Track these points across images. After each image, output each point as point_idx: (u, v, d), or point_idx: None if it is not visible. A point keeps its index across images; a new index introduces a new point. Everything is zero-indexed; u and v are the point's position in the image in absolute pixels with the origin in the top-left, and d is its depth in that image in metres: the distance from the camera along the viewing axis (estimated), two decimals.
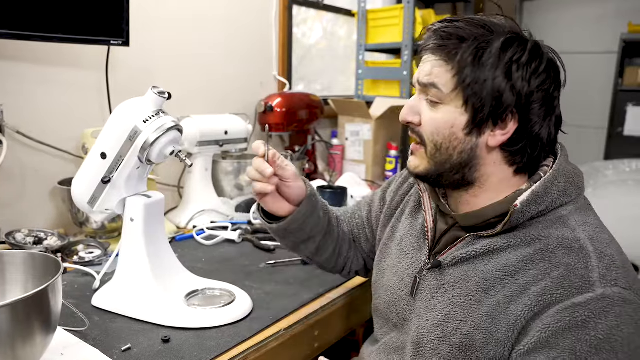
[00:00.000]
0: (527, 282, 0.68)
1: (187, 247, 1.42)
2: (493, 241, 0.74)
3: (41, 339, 0.73)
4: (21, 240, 1.27)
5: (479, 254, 0.75)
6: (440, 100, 0.74)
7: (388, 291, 0.91)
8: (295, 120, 2.10)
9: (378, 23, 2.50)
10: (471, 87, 0.71)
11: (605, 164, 3.10)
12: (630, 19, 3.48)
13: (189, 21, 1.84)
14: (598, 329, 0.62)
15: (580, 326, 0.62)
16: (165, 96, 0.96)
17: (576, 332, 0.62)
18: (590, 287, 0.64)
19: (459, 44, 0.71)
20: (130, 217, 1.00)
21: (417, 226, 0.90)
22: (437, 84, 0.73)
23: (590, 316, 0.62)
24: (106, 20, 1.40)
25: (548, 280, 0.67)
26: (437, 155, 0.76)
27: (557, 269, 0.67)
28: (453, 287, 0.77)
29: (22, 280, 0.84)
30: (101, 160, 0.98)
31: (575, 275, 0.65)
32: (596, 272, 0.65)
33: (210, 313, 0.98)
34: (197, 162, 1.67)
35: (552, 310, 0.65)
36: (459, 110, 0.73)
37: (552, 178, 0.73)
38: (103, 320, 0.98)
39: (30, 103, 1.42)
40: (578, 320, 0.63)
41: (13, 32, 1.22)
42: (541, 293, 0.66)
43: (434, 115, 0.75)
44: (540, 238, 0.70)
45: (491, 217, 0.75)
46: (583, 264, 0.66)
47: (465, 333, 0.73)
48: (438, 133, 0.75)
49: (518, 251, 0.71)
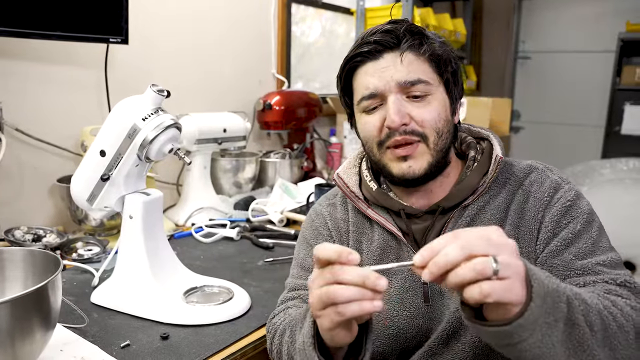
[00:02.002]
0: (520, 204, 0.81)
1: (185, 245, 1.42)
2: (477, 202, 0.81)
3: (41, 336, 0.74)
4: (20, 238, 1.28)
5: (472, 218, 0.81)
6: (428, 92, 0.79)
7: (394, 320, 0.81)
8: (293, 118, 2.10)
9: (376, 21, 2.50)
10: (449, 73, 0.81)
11: (603, 163, 3.10)
12: (628, 18, 3.49)
13: (188, 19, 1.84)
14: (581, 206, 0.79)
15: (570, 208, 0.79)
16: (164, 94, 0.97)
17: (570, 213, 0.78)
18: (559, 185, 0.81)
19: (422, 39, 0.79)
20: (129, 215, 1.01)
21: (383, 244, 0.84)
22: (423, 78, 0.78)
23: (572, 200, 0.79)
24: (105, 18, 1.40)
25: (531, 195, 0.81)
26: (439, 143, 0.80)
27: (531, 186, 0.82)
28: None
29: (21, 277, 0.85)
30: (100, 157, 0.99)
31: (545, 184, 0.82)
32: (555, 176, 0.83)
33: (208, 310, 0.99)
34: (196, 160, 1.67)
35: (548, 210, 0.79)
36: (444, 96, 0.81)
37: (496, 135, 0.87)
38: (102, 317, 0.98)
39: (29, 101, 1.42)
40: (567, 205, 0.79)
41: (12, 30, 1.23)
42: (534, 204, 0.80)
43: (429, 107, 0.79)
44: (508, 178, 0.84)
45: (476, 183, 0.82)
46: (545, 176, 0.83)
47: None
48: (439, 119, 0.79)
49: (500, 194, 0.82)
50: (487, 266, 0.51)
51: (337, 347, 0.67)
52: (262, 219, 1.65)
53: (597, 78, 3.86)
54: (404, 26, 0.79)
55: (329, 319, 0.60)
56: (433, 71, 0.80)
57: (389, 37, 0.78)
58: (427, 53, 0.79)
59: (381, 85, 0.78)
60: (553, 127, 4.14)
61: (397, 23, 0.80)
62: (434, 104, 0.79)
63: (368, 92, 0.79)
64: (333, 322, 0.60)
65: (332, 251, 0.59)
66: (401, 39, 0.78)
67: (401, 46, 0.78)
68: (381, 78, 0.78)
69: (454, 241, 0.53)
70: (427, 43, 0.79)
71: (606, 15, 3.83)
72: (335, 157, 2.38)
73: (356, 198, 0.88)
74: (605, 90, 3.60)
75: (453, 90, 0.82)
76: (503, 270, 0.51)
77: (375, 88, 0.78)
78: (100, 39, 1.42)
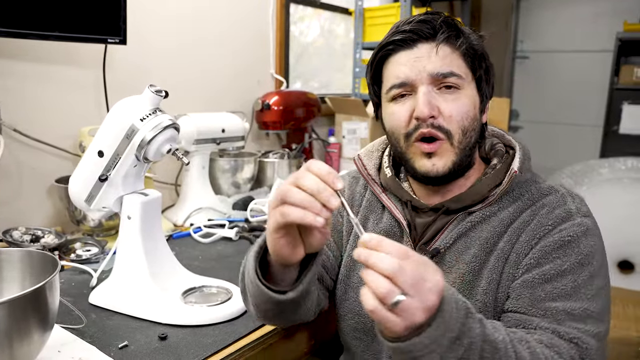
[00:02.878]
0: (522, 224, 0.77)
1: (184, 245, 1.42)
2: (485, 210, 0.80)
3: (38, 337, 0.74)
4: (18, 238, 1.27)
5: (473, 224, 0.79)
6: (459, 86, 0.77)
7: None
8: (292, 119, 2.10)
9: (375, 21, 2.51)
10: (483, 70, 0.80)
11: (601, 162, 3.10)
12: (626, 18, 3.49)
13: (187, 19, 1.84)
14: (581, 247, 0.73)
15: (567, 245, 0.73)
16: (162, 95, 0.97)
17: (564, 250, 0.73)
18: (571, 217, 0.76)
19: (459, 32, 0.78)
20: (127, 215, 1.01)
21: (390, 227, 0.87)
22: (455, 72, 0.77)
23: (574, 237, 0.74)
24: (103, 18, 1.40)
25: (538, 217, 0.77)
26: (463, 141, 0.78)
27: (542, 208, 0.78)
28: (457, 262, 0.79)
29: (19, 278, 0.84)
30: (98, 158, 0.99)
31: (558, 209, 0.77)
32: (573, 205, 0.77)
33: (207, 310, 0.99)
34: (194, 160, 1.67)
35: (544, 239, 0.75)
36: (475, 93, 0.80)
37: (523, 147, 0.83)
38: (100, 317, 0.98)
39: (27, 101, 1.42)
40: (565, 240, 0.74)
41: (10, 31, 1.22)
42: (534, 228, 0.76)
43: (459, 101, 0.77)
44: (523, 194, 0.80)
45: (485, 191, 0.80)
46: (562, 201, 0.78)
47: (482, 292, 0.76)
48: (467, 117, 0.78)
49: (509, 208, 0.79)
50: (390, 297, 0.53)
51: (282, 268, 0.71)
52: (260, 219, 1.65)
53: (595, 78, 3.86)
54: (441, 17, 0.78)
55: (274, 219, 0.63)
56: (467, 66, 0.78)
57: (425, 27, 0.77)
58: (463, 47, 0.77)
59: (413, 75, 0.77)
60: (551, 127, 4.14)
61: (434, 14, 0.78)
62: (464, 100, 0.77)
63: (399, 81, 0.78)
64: (277, 223, 0.63)
65: (325, 170, 0.61)
66: (437, 30, 0.76)
67: (437, 37, 0.76)
68: (413, 67, 0.76)
69: (398, 255, 0.54)
70: (463, 36, 0.78)
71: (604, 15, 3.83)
72: (333, 157, 2.38)
73: (372, 181, 0.90)
74: (604, 89, 3.61)
75: (484, 88, 0.81)
76: (400, 309, 0.53)
77: (407, 77, 0.77)
78: (98, 40, 1.42)
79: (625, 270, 2.67)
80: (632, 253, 2.65)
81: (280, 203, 0.62)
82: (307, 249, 0.69)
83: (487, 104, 0.84)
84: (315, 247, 0.69)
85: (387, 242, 0.55)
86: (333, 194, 0.60)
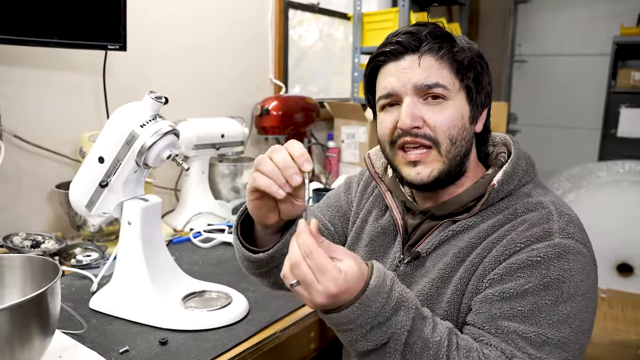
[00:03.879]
0: (496, 238, 0.75)
1: (184, 250, 1.43)
2: (468, 220, 0.79)
3: (39, 342, 0.74)
4: (19, 244, 1.28)
5: (455, 233, 0.79)
6: (446, 96, 0.77)
7: None
8: (291, 123, 2.11)
9: (373, 26, 2.52)
10: (472, 81, 0.79)
11: (599, 165, 3.11)
12: (622, 22, 3.51)
13: (186, 25, 1.85)
14: (550, 269, 0.69)
15: (535, 265, 0.69)
16: (162, 101, 0.97)
17: (529, 270, 0.70)
18: (550, 236, 0.71)
19: (453, 44, 0.78)
20: (127, 221, 1.01)
21: (387, 225, 0.90)
22: (441, 83, 0.77)
23: (545, 258, 0.69)
24: (103, 24, 1.41)
25: (513, 234, 0.74)
26: (452, 150, 0.78)
27: (521, 224, 0.75)
28: (434, 267, 0.80)
29: (20, 284, 0.85)
30: (99, 164, 0.99)
31: (537, 227, 0.73)
32: (556, 224, 0.73)
33: (207, 315, 0.99)
34: (194, 165, 1.68)
35: (513, 257, 0.72)
36: (463, 103, 0.79)
37: (516, 159, 0.80)
38: (101, 322, 0.99)
39: (27, 107, 1.43)
40: (533, 260, 0.70)
41: (10, 37, 1.23)
42: (506, 244, 0.73)
43: (445, 112, 0.77)
44: (509, 206, 0.78)
45: (467, 201, 0.80)
46: (545, 219, 0.74)
47: (447, 301, 0.76)
48: (454, 126, 0.78)
49: (490, 220, 0.78)
50: (287, 279, 0.63)
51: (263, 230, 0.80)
52: None
53: (593, 81, 3.87)
54: (428, 29, 0.78)
55: (249, 182, 0.72)
56: (453, 76, 0.78)
57: (410, 38, 0.78)
58: (446, 57, 0.77)
59: (398, 86, 0.78)
60: (550, 130, 4.15)
61: (422, 25, 0.79)
62: (450, 110, 0.77)
63: (386, 92, 0.80)
64: (250, 186, 0.72)
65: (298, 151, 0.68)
66: (422, 41, 0.77)
67: (421, 49, 0.77)
68: (399, 79, 0.78)
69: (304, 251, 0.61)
70: (447, 47, 0.77)
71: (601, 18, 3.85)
72: (332, 161, 2.39)
73: (379, 179, 0.92)
74: (601, 93, 3.62)
75: (475, 97, 0.80)
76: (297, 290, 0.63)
77: (393, 88, 0.79)
78: (98, 46, 1.42)
79: (624, 273, 2.68)
80: (631, 256, 2.66)
81: (255, 169, 0.70)
82: (282, 216, 0.76)
83: (483, 112, 0.83)
84: (287, 215, 0.75)
85: (303, 238, 0.62)
86: (297, 173, 0.67)
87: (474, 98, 0.80)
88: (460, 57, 0.78)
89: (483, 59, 0.81)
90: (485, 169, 0.85)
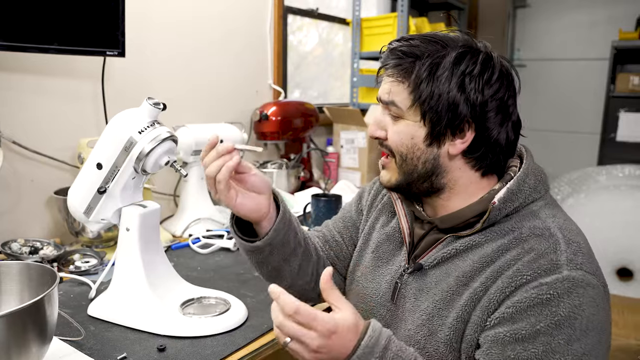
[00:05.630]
0: (501, 267, 0.72)
1: (182, 256, 1.42)
2: (472, 238, 0.77)
3: (37, 349, 0.74)
4: (17, 250, 1.28)
5: (459, 251, 0.78)
6: (400, 115, 0.78)
7: (365, 299, 0.90)
8: (290, 129, 2.11)
9: (372, 31, 2.53)
10: (427, 103, 0.75)
11: (598, 170, 3.12)
12: (621, 26, 3.52)
13: (185, 30, 1.85)
14: (560, 307, 0.66)
15: (545, 303, 0.67)
16: (160, 107, 0.97)
17: (540, 308, 0.67)
18: (558, 269, 0.68)
19: (414, 62, 0.76)
20: (126, 227, 1.01)
21: (393, 233, 0.91)
22: (396, 102, 0.78)
23: (554, 295, 0.67)
24: (102, 31, 1.41)
25: (519, 264, 0.71)
26: (404, 166, 0.80)
27: (528, 253, 0.71)
28: (435, 285, 0.79)
29: (17, 291, 0.85)
30: (97, 170, 0.99)
31: (544, 259, 0.70)
32: (564, 256, 0.70)
33: (205, 321, 0.99)
34: (193, 171, 1.67)
35: (521, 290, 0.69)
36: (418, 124, 0.77)
37: (523, 176, 0.77)
38: (99, 329, 0.98)
39: (26, 113, 1.43)
40: (543, 298, 0.67)
41: (10, 44, 1.23)
42: (512, 275, 0.70)
43: (396, 129, 0.79)
44: (514, 229, 0.75)
45: (469, 217, 0.78)
46: (552, 249, 0.71)
47: (449, 326, 0.75)
48: (402, 144, 0.79)
49: (494, 243, 0.75)
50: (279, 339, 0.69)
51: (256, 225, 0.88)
52: None
53: (592, 85, 3.89)
54: (394, 45, 0.79)
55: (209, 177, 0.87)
56: (409, 96, 0.76)
57: (385, 53, 0.81)
58: (402, 76, 0.77)
59: (378, 95, 0.82)
60: (549, 135, 4.16)
61: (398, 41, 0.79)
62: (401, 129, 0.78)
63: (378, 97, 0.83)
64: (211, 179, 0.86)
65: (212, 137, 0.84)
66: (388, 57, 0.79)
67: (388, 64, 0.79)
68: (382, 88, 0.81)
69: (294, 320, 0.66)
70: (405, 67, 0.76)
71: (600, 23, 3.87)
72: (332, 166, 2.39)
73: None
74: (600, 97, 3.63)
75: (435, 119, 0.75)
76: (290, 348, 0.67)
77: (378, 97, 0.82)
78: (97, 52, 1.43)
79: (624, 278, 2.68)
80: (631, 260, 2.66)
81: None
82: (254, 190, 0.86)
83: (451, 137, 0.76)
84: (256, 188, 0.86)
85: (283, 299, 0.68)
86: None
87: (437, 122, 0.75)
88: (418, 80, 0.75)
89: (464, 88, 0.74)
90: (497, 180, 0.82)
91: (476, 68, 0.74)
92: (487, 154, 0.78)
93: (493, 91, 0.75)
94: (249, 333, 0.99)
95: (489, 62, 0.76)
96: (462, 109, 0.74)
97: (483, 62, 0.75)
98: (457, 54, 0.74)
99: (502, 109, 0.76)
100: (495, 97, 0.75)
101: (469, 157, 0.78)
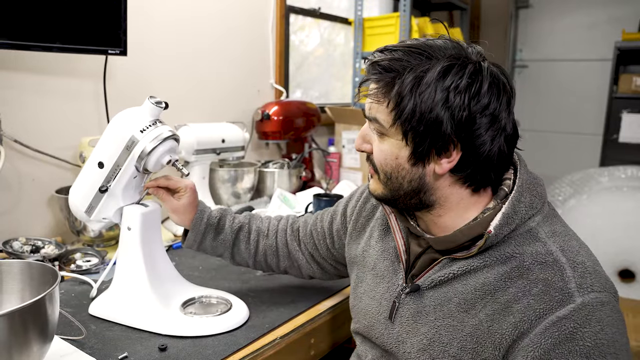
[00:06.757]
0: (509, 300, 0.69)
1: (184, 255, 1.42)
2: (469, 262, 0.74)
3: (38, 348, 0.74)
4: (18, 249, 1.27)
5: (456, 275, 0.75)
6: (384, 133, 0.75)
7: (367, 315, 0.90)
8: (292, 128, 2.11)
9: (374, 31, 2.52)
10: (408, 122, 0.70)
11: (601, 171, 3.11)
12: (624, 27, 3.51)
13: (187, 29, 1.85)
14: (585, 338, 0.64)
15: (570, 338, 0.64)
16: (162, 106, 0.97)
17: (567, 345, 0.64)
18: (570, 298, 0.66)
19: (394, 79, 0.71)
20: (127, 226, 1.01)
21: (389, 249, 0.89)
22: (378, 119, 0.74)
23: (576, 327, 0.64)
24: (104, 29, 1.41)
25: (529, 297, 0.68)
26: (388, 183, 0.77)
27: (535, 285, 0.68)
28: (434, 309, 0.77)
29: (19, 290, 0.85)
30: (98, 169, 0.99)
31: (554, 289, 0.67)
32: (572, 282, 0.67)
33: (206, 321, 0.98)
34: (194, 170, 1.67)
35: (539, 328, 0.66)
36: (401, 144, 0.73)
37: (517, 195, 0.73)
38: (100, 328, 0.98)
39: (27, 112, 1.43)
40: (566, 333, 0.64)
41: (12, 42, 1.23)
42: (524, 310, 0.67)
43: (381, 147, 0.76)
44: (515, 255, 0.71)
45: (464, 241, 0.75)
46: (559, 277, 0.67)
47: (452, 355, 0.73)
48: (386, 164, 0.76)
49: (495, 269, 0.72)
50: None
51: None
52: None
53: (595, 86, 3.88)
54: (376, 58, 0.74)
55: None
56: (390, 114, 0.72)
57: (366, 67, 0.77)
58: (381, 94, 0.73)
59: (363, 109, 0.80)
60: (551, 135, 4.15)
61: (383, 51, 0.74)
62: (384, 147, 0.75)
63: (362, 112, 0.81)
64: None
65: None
66: (369, 71, 0.76)
67: (370, 78, 0.75)
68: (365, 104, 0.78)
69: None
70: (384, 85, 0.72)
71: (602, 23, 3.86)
72: (333, 166, 2.38)
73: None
74: (603, 98, 3.62)
75: (421, 143, 0.71)
76: None
77: (363, 110, 0.80)
78: (99, 51, 1.43)
79: (626, 279, 2.67)
80: (633, 261, 2.65)
81: None
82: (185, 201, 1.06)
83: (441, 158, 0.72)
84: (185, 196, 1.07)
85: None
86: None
87: (416, 140, 0.71)
88: (398, 97, 0.70)
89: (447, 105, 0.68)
90: (491, 196, 0.77)
91: (462, 82, 0.68)
92: (477, 171, 0.73)
93: (482, 106, 0.69)
94: (250, 333, 0.99)
95: (478, 75, 0.69)
96: (446, 127, 0.69)
97: (471, 75, 0.69)
98: (441, 67, 0.69)
99: (493, 123, 0.70)
100: (485, 112, 0.69)
101: (458, 175, 0.74)
